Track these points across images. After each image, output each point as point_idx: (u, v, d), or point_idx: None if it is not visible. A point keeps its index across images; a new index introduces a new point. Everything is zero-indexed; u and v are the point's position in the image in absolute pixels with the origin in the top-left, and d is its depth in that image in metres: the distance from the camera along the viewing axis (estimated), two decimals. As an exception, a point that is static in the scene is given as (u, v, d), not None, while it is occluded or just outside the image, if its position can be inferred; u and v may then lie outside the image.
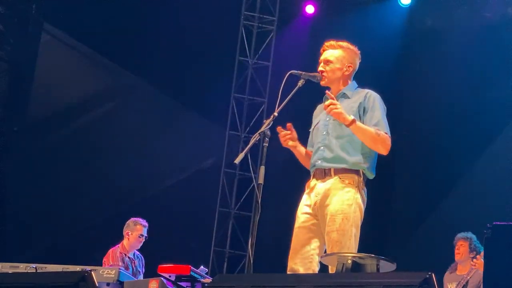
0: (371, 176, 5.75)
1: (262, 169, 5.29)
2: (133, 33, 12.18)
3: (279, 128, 5.71)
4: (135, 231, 9.23)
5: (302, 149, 5.95)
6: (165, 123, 12.64)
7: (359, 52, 5.98)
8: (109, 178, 12.13)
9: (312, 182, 5.76)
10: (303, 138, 5.99)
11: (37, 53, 12.06)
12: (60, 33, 12.26)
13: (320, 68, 5.87)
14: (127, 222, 9.33)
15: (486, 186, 11.19)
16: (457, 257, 9.00)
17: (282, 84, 5.50)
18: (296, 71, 5.71)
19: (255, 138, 5.37)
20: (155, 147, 12.46)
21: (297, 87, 5.65)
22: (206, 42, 12.65)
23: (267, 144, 5.37)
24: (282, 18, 13.20)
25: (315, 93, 6.07)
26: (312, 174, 5.80)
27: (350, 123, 5.48)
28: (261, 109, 13.04)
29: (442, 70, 11.98)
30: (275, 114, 5.42)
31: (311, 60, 6.07)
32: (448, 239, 9.12)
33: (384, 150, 5.65)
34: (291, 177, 5.98)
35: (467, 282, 8.73)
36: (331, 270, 5.44)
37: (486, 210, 10.46)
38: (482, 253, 8.53)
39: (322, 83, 5.88)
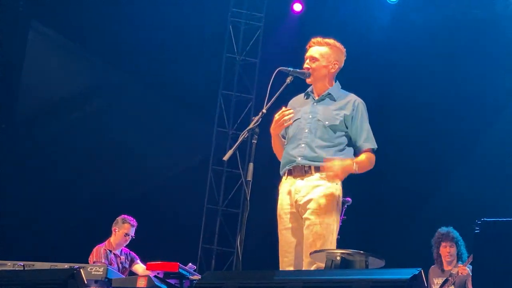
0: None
1: (251, 166, 5.30)
2: (120, 30, 12.16)
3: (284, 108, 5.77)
4: (122, 229, 9.16)
5: (281, 138, 5.97)
6: (153, 120, 12.62)
7: (344, 50, 5.99)
8: (97, 175, 12.10)
9: (290, 180, 5.75)
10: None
11: (25, 50, 12.01)
12: (48, 30, 12.22)
13: (305, 65, 5.88)
14: (117, 218, 9.26)
15: (473, 183, 11.22)
16: (448, 259, 8.95)
17: (271, 81, 5.49)
18: (284, 68, 5.71)
19: (243, 135, 5.37)
20: (142, 144, 12.43)
21: (285, 83, 5.66)
22: (194, 39, 12.64)
23: (255, 141, 5.37)
24: (270, 14, 13.19)
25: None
26: (286, 171, 5.79)
27: (354, 171, 5.58)
28: (248, 106, 13.04)
29: (430, 66, 12.01)
30: (264, 111, 5.43)
31: (299, 57, 6.06)
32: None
33: (371, 168, 5.78)
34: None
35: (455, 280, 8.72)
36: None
37: (473, 206, 10.49)
38: (469, 259, 8.55)
39: (308, 80, 5.89)
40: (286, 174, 5.80)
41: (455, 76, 11.93)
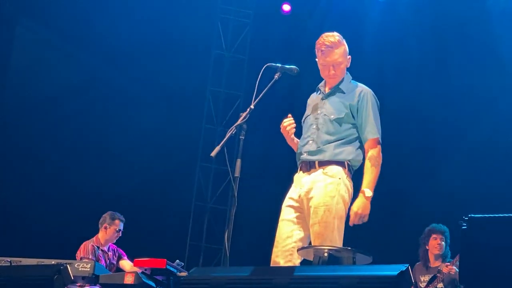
0: (357, 165, 5.77)
1: (239, 162, 5.30)
2: (109, 26, 12.12)
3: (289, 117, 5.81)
4: (113, 225, 9.16)
5: (296, 139, 5.98)
6: (141, 117, 12.59)
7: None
8: (84, 172, 12.07)
9: (299, 174, 5.79)
10: (279, 131, 5.99)
11: (12, 46, 11.96)
12: (35, 25, 12.17)
13: (331, 73, 5.82)
14: (104, 215, 9.24)
15: (460, 180, 11.25)
16: (437, 251, 8.92)
17: (259, 77, 5.49)
18: (273, 64, 5.72)
19: (231, 131, 5.37)
20: (130, 141, 12.40)
21: (273, 80, 5.65)
22: (182, 36, 12.61)
23: (243, 137, 5.37)
24: (259, 11, 13.17)
25: (292, 86, 6.07)
26: (298, 167, 5.83)
27: (370, 196, 5.59)
28: (237, 103, 13.02)
29: (419, 63, 12.03)
30: (252, 107, 5.43)
31: (288, 53, 6.06)
32: (423, 232, 9.14)
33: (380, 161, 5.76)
34: (268, 170, 5.97)
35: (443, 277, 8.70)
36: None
37: (460, 204, 10.51)
38: (456, 259, 8.54)
39: (332, 82, 5.87)
40: (298, 170, 5.84)
41: (444, 73, 11.96)
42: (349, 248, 5.05)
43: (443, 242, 8.91)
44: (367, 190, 5.57)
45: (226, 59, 13.22)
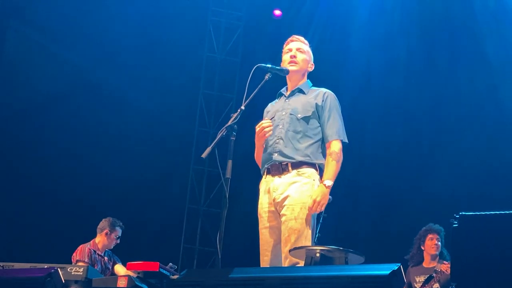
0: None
1: (230, 163, 5.28)
2: (100, 29, 12.12)
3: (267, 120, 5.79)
4: (114, 232, 9.14)
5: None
6: (133, 120, 12.57)
7: None
8: (77, 175, 12.05)
9: (268, 178, 5.77)
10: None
11: (3, 50, 11.95)
12: (26, 28, 12.15)
13: (292, 53, 5.90)
14: (105, 221, 9.17)
15: (452, 181, 11.28)
16: (434, 252, 8.86)
17: (249, 78, 5.48)
18: (263, 65, 5.71)
19: (222, 132, 5.35)
20: (123, 144, 12.39)
21: (263, 80, 5.65)
22: (174, 39, 12.61)
23: (234, 138, 5.35)
24: (250, 13, 13.18)
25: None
26: (265, 170, 5.80)
27: (329, 186, 5.55)
28: (230, 105, 13.02)
29: (408, 63, 12.06)
30: (242, 107, 5.41)
31: (280, 55, 6.06)
32: (415, 231, 9.12)
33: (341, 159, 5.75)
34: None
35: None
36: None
37: (452, 204, 10.52)
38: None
39: (293, 68, 5.90)
40: (265, 173, 5.81)
41: (432, 73, 12.00)
42: (341, 248, 5.05)
43: (439, 242, 8.86)
44: (327, 181, 5.56)
45: (218, 62, 13.22)
